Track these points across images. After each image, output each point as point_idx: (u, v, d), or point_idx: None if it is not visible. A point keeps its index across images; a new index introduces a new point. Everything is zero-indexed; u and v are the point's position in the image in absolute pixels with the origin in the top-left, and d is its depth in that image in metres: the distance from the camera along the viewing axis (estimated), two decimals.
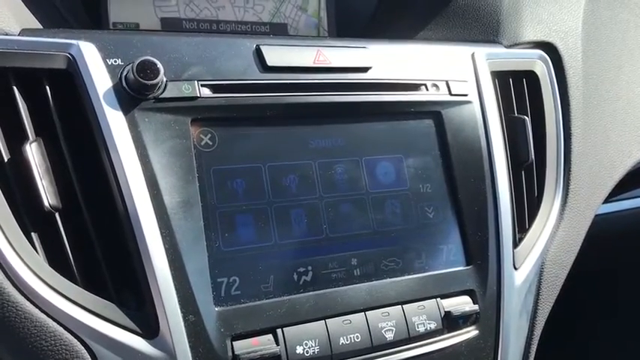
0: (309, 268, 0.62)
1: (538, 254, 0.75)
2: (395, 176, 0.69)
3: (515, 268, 0.72)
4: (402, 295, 0.65)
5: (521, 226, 0.76)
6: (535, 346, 0.76)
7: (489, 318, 0.69)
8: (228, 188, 0.60)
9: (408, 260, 0.67)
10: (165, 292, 0.55)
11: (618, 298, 1.42)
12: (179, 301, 0.55)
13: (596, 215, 0.89)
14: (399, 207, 0.68)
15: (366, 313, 0.62)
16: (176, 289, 0.55)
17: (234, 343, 0.57)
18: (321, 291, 0.61)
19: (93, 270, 0.56)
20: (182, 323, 0.55)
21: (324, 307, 0.61)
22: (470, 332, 0.68)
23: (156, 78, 0.57)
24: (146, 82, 0.56)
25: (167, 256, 0.55)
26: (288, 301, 0.60)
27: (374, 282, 0.64)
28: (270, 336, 0.58)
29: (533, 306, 0.76)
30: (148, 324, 0.55)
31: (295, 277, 0.61)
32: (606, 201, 1.04)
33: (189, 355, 0.55)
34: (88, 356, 0.53)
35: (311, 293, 0.61)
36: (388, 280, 0.65)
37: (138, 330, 0.54)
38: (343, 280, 0.63)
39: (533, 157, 0.78)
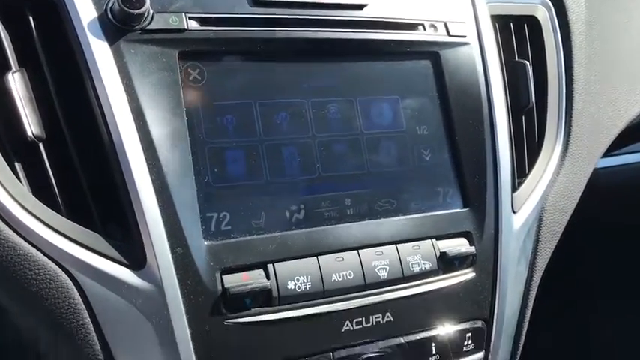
0: (302, 206, 0.61)
1: (538, 199, 0.74)
2: (391, 117, 0.67)
3: (514, 212, 0.71)
4: (397, 235, 0.63)
5: (521, 171, 0.75)
6: (534, 293, 0.75)
7: (486, 260, 0.68)
8: (217, 124, 0.59)
9: (403, 201, 0.65)
10: (152, 224, 0.53)
11: (619, 261, 1.40)
12: (167, 233, 0.54)
13: (600, 169, 0.87)
14: (395, 148, 0.66)
15: (360, 251, 0.61)
16: (163, 221, 0.54)
17: (223, 276, 0.55)
18: (314, 228, 0.60)
19: (78, 202, 0.54)
20: (170, 255, 0.54)
21: (316, 243, 0.60)
22: (466, 274, 0.67)
23: (141, 7, 0.55)
24: (131, 11, 0.55)
25: (154, 188, 0.54)
26: (280, 237, 0.58)
27: (368, 221, 0.63)
28: (260, 270, 0.57)
29: (533, 251, 0.74)
30: (134, 255, 0.54)
31: (287, 214, 0.60)
32: (611, 155, 1.02)
33: (177, 287, 0.54)
34: (73, 286, 0.52)
35: (303, 230, 0.60)
36: (382, 219, 0.63)
37: (124, 261, 0.53)
38: (336, 219, 0.62)
39: (533, 101, 0.76)
